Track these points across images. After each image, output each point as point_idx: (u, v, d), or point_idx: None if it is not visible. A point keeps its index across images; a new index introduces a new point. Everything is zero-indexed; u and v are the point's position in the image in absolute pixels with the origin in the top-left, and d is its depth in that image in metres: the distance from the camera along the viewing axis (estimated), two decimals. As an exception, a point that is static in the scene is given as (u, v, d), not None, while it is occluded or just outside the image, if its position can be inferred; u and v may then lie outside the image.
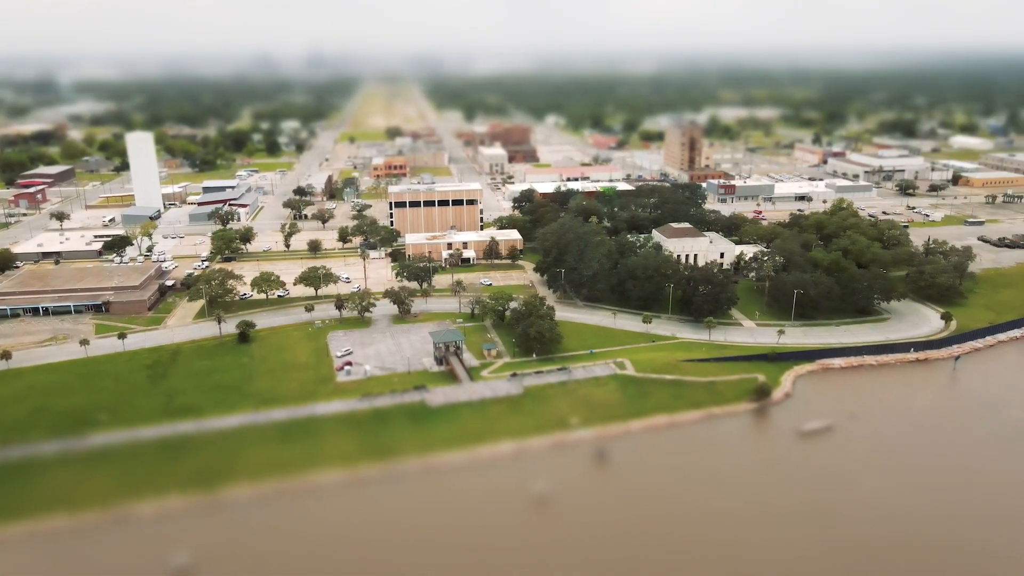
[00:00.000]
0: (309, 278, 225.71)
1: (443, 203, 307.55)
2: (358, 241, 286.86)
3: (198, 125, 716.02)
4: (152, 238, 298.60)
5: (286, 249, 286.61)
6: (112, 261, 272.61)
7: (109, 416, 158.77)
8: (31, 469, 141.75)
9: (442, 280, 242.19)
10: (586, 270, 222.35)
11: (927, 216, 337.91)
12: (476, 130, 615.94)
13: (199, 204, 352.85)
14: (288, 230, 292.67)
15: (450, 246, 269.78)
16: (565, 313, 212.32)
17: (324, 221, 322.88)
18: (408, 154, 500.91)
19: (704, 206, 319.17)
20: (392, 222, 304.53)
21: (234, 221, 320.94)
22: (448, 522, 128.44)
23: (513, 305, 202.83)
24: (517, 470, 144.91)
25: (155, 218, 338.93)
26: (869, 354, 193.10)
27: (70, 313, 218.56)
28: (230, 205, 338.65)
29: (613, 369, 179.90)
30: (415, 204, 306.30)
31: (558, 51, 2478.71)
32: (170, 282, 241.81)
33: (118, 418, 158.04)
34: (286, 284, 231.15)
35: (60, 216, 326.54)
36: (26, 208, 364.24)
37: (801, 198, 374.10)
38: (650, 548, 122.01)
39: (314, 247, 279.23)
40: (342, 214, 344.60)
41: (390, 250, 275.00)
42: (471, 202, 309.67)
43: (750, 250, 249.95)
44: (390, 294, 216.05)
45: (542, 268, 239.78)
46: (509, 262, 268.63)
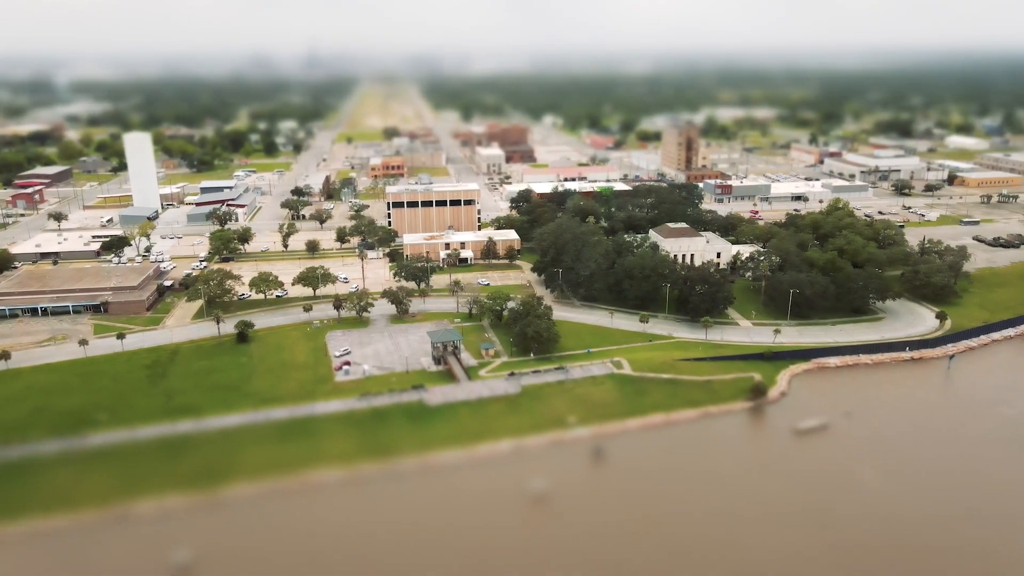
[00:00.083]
0: (307, 278, 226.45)
1: (441, 203, 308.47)
2: (356, 241, 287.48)
3: (195, 125, 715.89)
4: (150, 238, 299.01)
5: (284, 249, 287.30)
6: (110, 261, 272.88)
7: (108, 416, 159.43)
8: (31, 469, 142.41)
9: (440, 280, 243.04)
10: (583, 270, 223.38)
11: (923, 216, 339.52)
12: (473, 130, 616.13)
13: (197, 204, 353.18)
14: (286, 230, 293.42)
15: (448, 246, 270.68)
16: (562, 313, 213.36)
17: (322, 221, 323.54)
18: (406, 154, 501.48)
19: (701, 206, 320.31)
20: (390, 222, 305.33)
21: (232, 221, 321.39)
22: (446, 520, 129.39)
23: (511, 305, 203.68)
24: (515, 468, 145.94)
25: (153, 218, 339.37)
26: (864, 353, 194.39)
27: (69, 313, 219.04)
28: (228, 205, 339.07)
29: (610, 368, 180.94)
30: (413, 204, 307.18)
31: (556, 51, 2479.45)
32: (168, 282, 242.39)
33: (117, 418, 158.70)
34: (284, 284, 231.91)
35: (58, 217, 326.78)
36: (24, 209, 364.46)
37: (797, 198, 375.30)
38: (647, 546, 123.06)
39: (312, 247, 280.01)
40: (340, 214, 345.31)
41: (388, 250, 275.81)
42: (469, 202, 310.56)
43: (746, 250, 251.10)
44: (388, 294, 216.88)
45: (539, 268, 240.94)
46: (507, 262, 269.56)
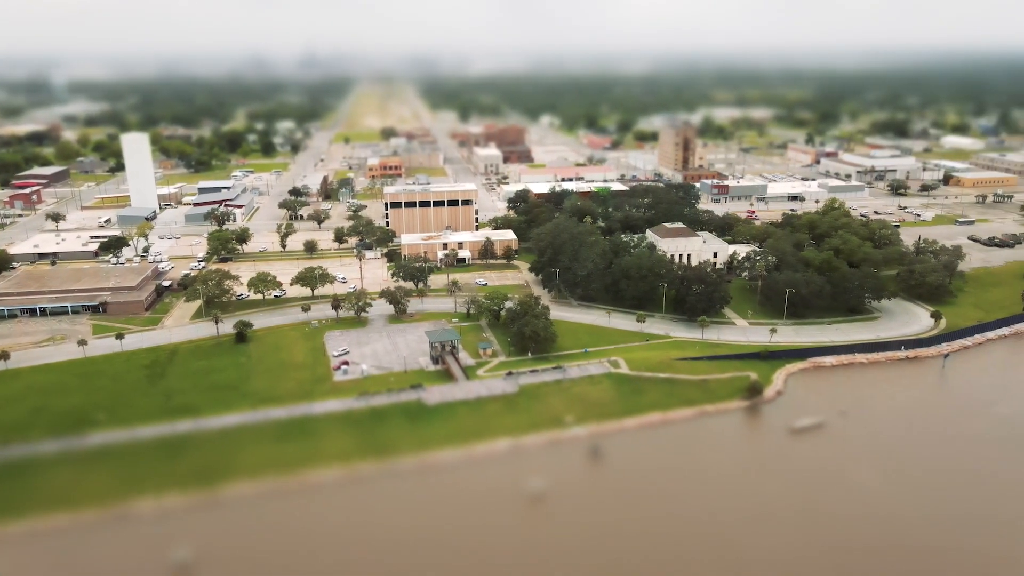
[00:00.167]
0: (305, 278, 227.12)
1: (438, 203, 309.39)
2: (354, 241, 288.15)
3: (192, 126, 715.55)
4: (148, 239, 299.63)
5: (282, 250, 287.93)
6: (108, 262, 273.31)
7: (108, 415, 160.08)
8: (31, 468, 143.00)
9: (438, 280, 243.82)
10: (580, 270, 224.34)
11: (918, 216, 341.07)
12: (471, 130, 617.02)
13: (195, 205, 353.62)
14: (284, 231, 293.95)
15: (445, 246, 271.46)
16: (560, 312, 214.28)
17: (320, 222, 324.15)
18: (403, 155, 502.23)
19: (698, 206, 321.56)
20: (388, 222, 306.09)
21: (230, 222, 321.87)
22: (445, 519, 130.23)
23: (508, 305, 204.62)
24: (513, 467, 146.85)
25: (151, 219, 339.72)
26: (860, 352, 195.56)
27: (67, 314, 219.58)
28: (226, 206, 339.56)
29: (607, 367, 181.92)
30: (410, 204, 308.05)
31: (553, 51, 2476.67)
32: (167, 283, 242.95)
33: (117, 417, 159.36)
34: (282, 284, 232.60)
35: (56, 217, 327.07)
36: (21, 209, 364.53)
37: (794, 198, 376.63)
38: (644, 544, 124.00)
39: (310, 247, 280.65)
40: (338, 215, 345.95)
41: (386, 250, 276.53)
42: (466, 202, 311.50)
43: (743, 250, 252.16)
44: (386, 294, 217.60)
45: (537, 268, 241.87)
46: (504, 262, 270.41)
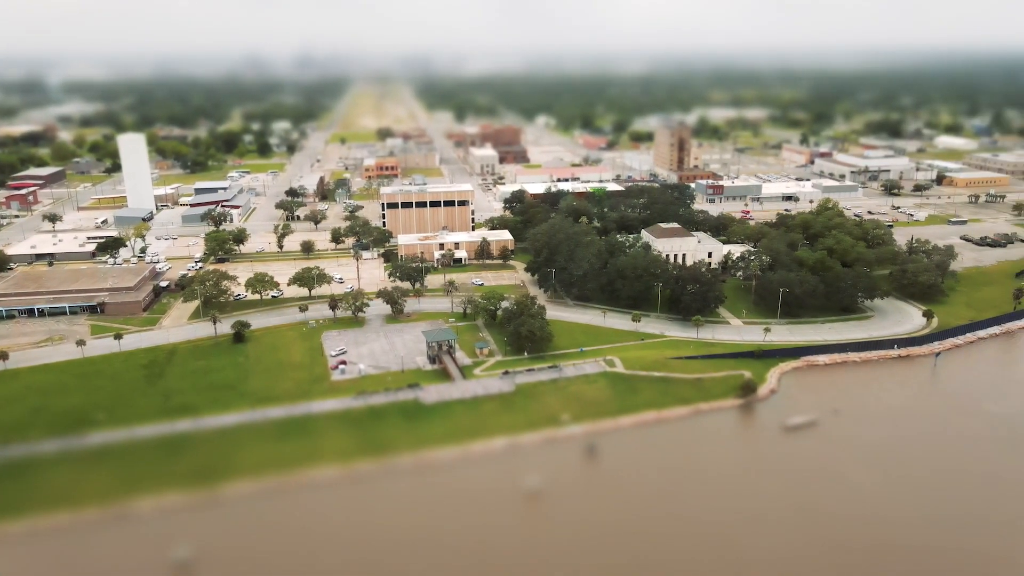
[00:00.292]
0: (303, 279, 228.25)
1: (435, 204, 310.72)
2: (351, 242, 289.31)
3: (188, 126, 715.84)
4: (145, 240, 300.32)
5: (279, 250, 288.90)
6: (106, 262, 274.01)
7: (107, 415, 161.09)
8: (32, 468, 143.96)
9: (434, 280, 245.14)
10: (576, 270, 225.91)
11: (911, 216, 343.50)
12: (467, 131, 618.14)
13: (192, 205, 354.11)
14: (281, 231, 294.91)
15: (442, 246, 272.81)
16: (556, 312, 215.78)
17: (317, 222, 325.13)
18: (399, 155, 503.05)
19: (692, 206, 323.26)
20: (384, 223, 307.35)
21: (227, 222, 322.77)
22: (442, 516, 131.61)
23: (504, 304, 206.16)
24: (509, 465, 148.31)
25: (148, 219, 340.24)
26: (853, 351, 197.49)
27: (65, 314, 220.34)
28: (223, 206, 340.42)
29: (603, 366, 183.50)
30: (407, 205, 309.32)
31: (549, 51, 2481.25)
32: (164, 283, 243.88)
33: (116, 417, 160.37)
34: (280, 285, 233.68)
35: (52, 218, 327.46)
36: (17, 210, 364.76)
37: (788, 198, 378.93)
38: (639, 541, 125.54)
39: (307, 248, 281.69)
40: (334, 215, 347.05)
41: (383, 251, 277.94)
42: (462, 203, 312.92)
43: (737, 249, 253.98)
44: (383, 294, 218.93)
45: (533, 268, 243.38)
46: (500, 262, 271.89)
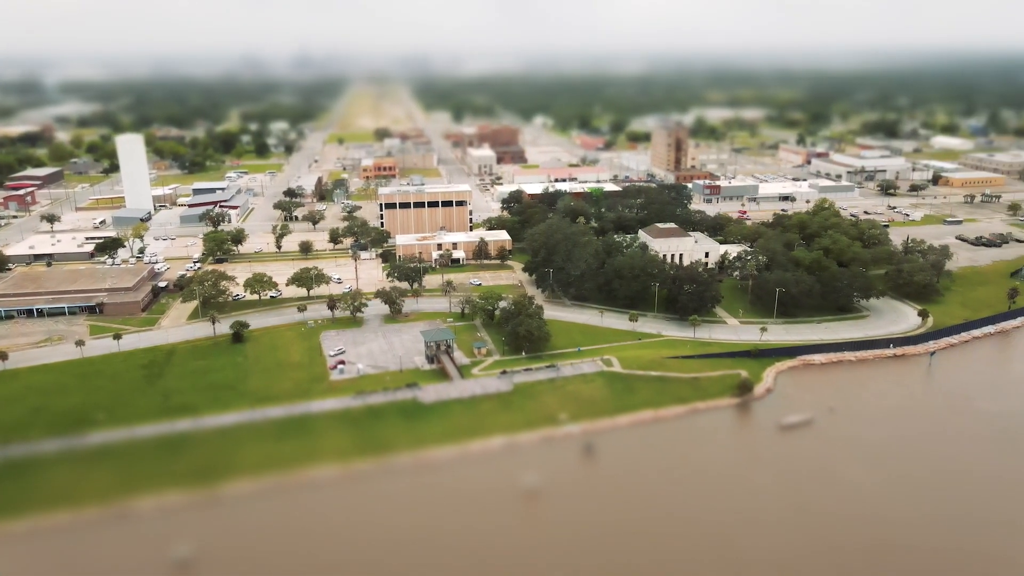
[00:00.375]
0: (301, 279, 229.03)
1: (433, 204, 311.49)
2: (349, 242, 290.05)
3: (186, 126, 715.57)
4: (143, 240, 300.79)
5: (277, 250, 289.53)
6: (104, 263, 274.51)
7: (107, 415, 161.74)
8: (32, 467, 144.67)
9: (432, 280, 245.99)
10: (574, 270, 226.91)
11: (907, 216, 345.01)
12: (465, 131, 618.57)
13: (190, 206, 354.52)
14: (279, 232, 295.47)
15: (440, 247, 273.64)
16: (553, 312, 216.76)
17: (315, 222, 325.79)
18: (397, 155, 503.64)
19: (690, 206, 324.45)
20: (382, 223, 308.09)
21: (225, 223, 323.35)
22: (440, 514, 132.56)
23: (502, 304, 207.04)
24: (507, 464, 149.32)
25: (146, 220, 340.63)
26: (848, 350, 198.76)
27: (64, 314, 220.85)
28: (221, 207, 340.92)
29: (600, 366, 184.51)
30: (405, 205, 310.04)
31: (547, 51, 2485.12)
32: (163, 283, 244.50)
33: (116, 417, 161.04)
34: (278, 285, 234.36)
35: (50, 218, 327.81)
36: (16, 210, 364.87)
37: (785, 198, 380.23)
38: (636, 539, 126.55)
39: (305, 248, 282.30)
40: (332, 215, 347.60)
41: (381, 251, 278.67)
42: (460, 203, 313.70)
43: (734, 249, 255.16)
44: (381, 294, 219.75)
45: (531, 268, 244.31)
46: (498, 262, 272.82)
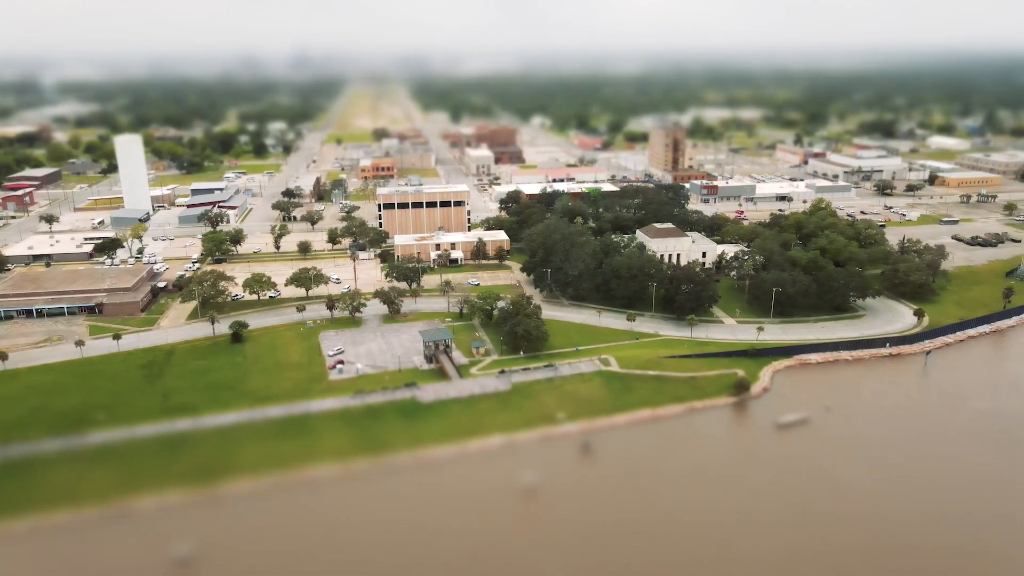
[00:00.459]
0: (300, 279, 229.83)
1: (431, 204, 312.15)
2: (347, 242, 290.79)
3: (184, 127, 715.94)
4: (142, 240, 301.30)
5: (276, 251, 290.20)
6: (103, 263, 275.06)
7: (107, 415, 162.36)
8: (33, 467, 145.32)
9: (431, 280, 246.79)
10: (572, 270, 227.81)
11: (903, 215, 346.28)
12: (462, 131, 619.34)
13: (188, 206, 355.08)
14: (278, 232, 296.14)
15: (438, 247, 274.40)
16: (551, 312, 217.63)
17: (313, 223, 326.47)
18: (395, 156, 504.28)
19: (687, 207, 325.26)
20: (381, 223, 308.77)
21: (223, 223, 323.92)
22: (439, 513, 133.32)
23: (500, 304, 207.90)
24: (506, 463, 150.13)
25: (145, 220, 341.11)
26: (845, 349, 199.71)
27: (63, 315, 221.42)
28: (219, 207, 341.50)
29: (598, 365, 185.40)
30: (403, 206, 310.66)
31: (545, 52, 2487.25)
32: (162, 284, 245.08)
33: (115, 417, 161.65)
34: (277, 285, 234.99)
35: (49, 219, 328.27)
36: (14, 211, 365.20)
37: (782, 198, 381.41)
38: (633, 538, 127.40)
39: (304, 248, 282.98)
40: (331, 216, 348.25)
41: (379, 251, 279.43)
42: (458, 203, 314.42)
43: (731, 249, 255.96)
44: (380, 294, 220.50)
45: (529, 268, 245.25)
46: (496, 262, 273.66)
